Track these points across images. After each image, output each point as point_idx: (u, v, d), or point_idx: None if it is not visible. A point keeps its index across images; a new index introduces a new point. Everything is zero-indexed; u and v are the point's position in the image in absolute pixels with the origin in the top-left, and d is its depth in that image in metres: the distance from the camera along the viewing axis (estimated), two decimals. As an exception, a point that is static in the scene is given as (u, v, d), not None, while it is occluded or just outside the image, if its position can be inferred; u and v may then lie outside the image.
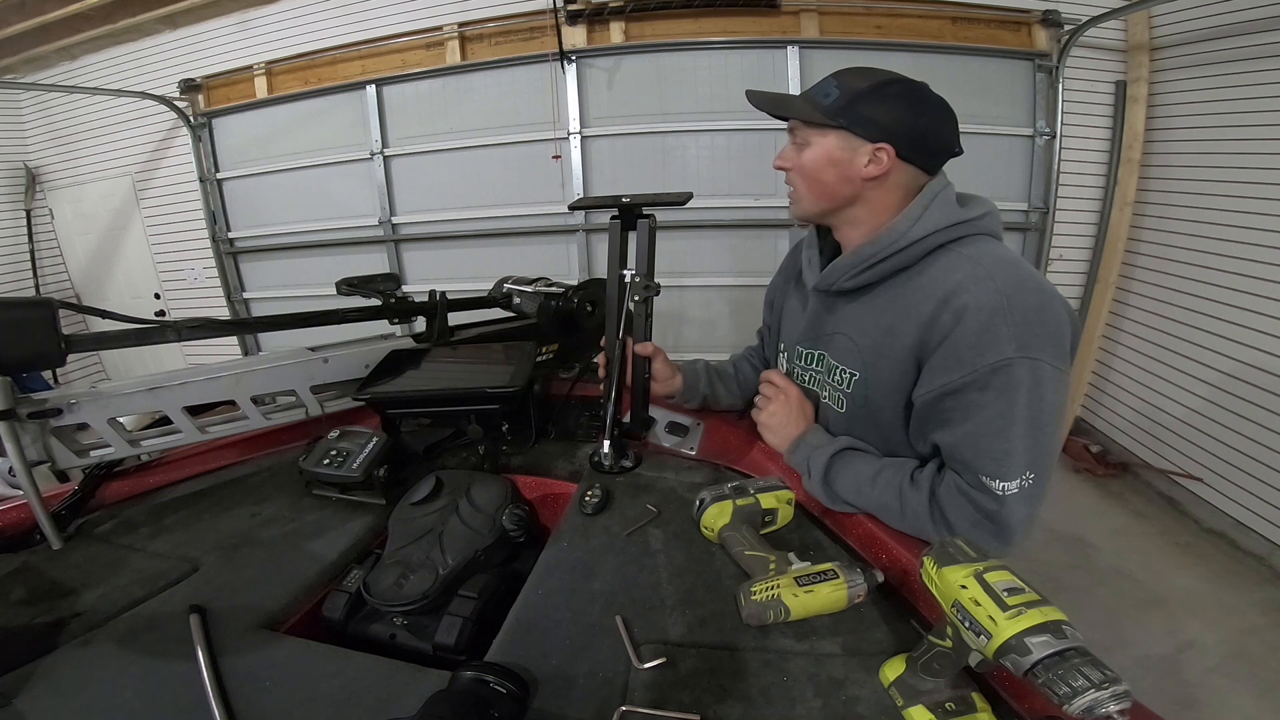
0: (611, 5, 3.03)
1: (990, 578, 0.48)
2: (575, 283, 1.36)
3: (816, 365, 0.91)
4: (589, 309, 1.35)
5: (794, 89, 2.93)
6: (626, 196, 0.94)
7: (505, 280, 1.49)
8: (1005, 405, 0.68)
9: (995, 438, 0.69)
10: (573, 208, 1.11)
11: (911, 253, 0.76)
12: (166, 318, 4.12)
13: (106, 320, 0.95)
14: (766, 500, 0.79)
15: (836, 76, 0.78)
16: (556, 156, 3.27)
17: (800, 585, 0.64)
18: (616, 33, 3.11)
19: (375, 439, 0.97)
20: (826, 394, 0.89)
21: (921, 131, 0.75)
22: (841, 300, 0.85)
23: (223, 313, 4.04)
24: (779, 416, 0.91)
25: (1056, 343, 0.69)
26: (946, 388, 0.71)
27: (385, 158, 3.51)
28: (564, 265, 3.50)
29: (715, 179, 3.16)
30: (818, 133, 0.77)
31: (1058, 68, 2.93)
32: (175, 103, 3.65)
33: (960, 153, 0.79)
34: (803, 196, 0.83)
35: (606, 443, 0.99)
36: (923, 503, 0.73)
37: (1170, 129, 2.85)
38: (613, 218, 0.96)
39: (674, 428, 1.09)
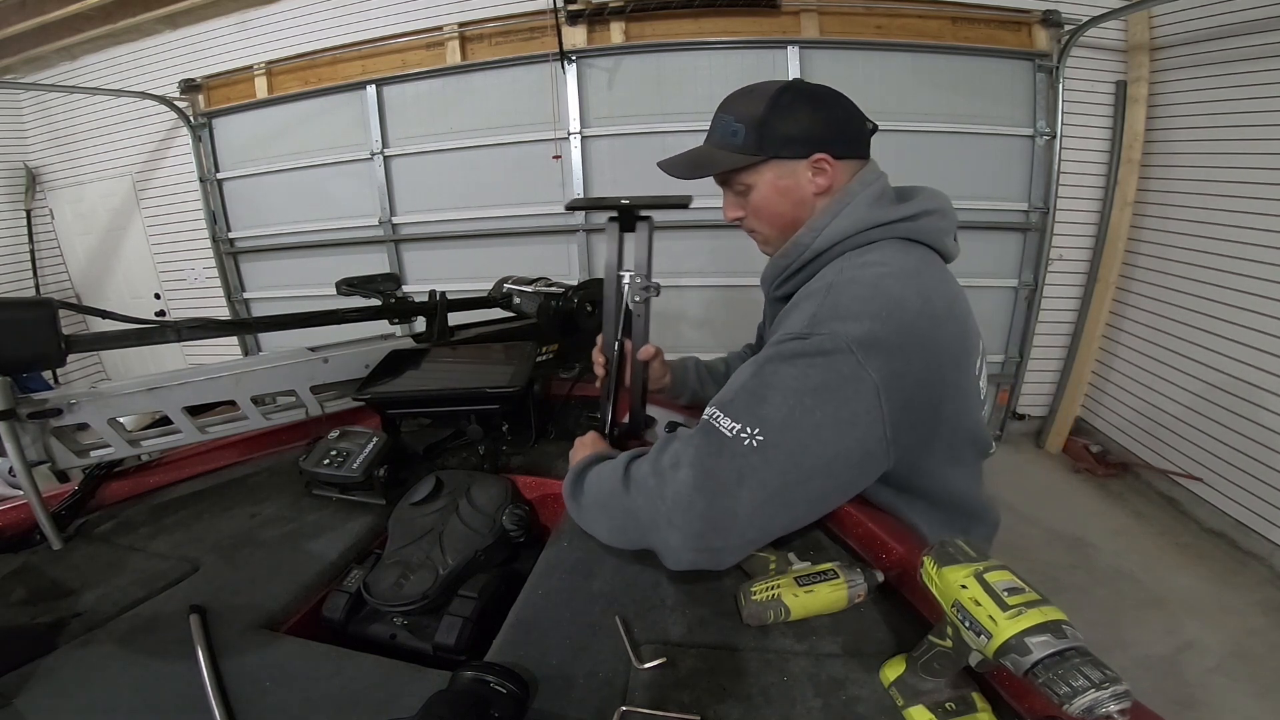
0: (611, 5, 3.03)
1: (990, 578, 0.48)
2: (575, 283, 1.36)
3: None
4: (589, 309, 1.35)
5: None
6: (626, 198, 0.94)
7: (505, 280, 1.49)
8: (764, 363, 0.64)
9: (736, 382, 0.65)
10: (570, 208, 1.11)
11: (818, 264, 0.73)
12: (166, 318, 4.12)
13: (106, 320, 0.95)
14: (766, 500, 0.79)
15: (728, 112, 0.76)
16: (557, 156, 3.27)
17: (800, 585, 0.64)
18: (616, 33, 3.11)
19: (375, 439, 0.97)
20: None
21: (838, 123, 0.74)
22: (781, 306, 0.84)
23: (223, 313, 4.04)
24: (573, 457, 0.86)
25: (869, 339, 0.61)
26: None
27: (385, 158, 3.51)
28: (564, 265, 3.51)
29: (711, 182, 3.15)
30: (751, 173, 0.76)
31: (1058, 68, 2.93)
32: (175, 103, 3.65)
33: (875, 127, 0.77)
34: (769, 236, 0.81)
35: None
36: (626, 456, 0.70)
37: (1170, 129, 2.85)
38: (610, 219, 0.96)
39: (673, 428, 1.09)
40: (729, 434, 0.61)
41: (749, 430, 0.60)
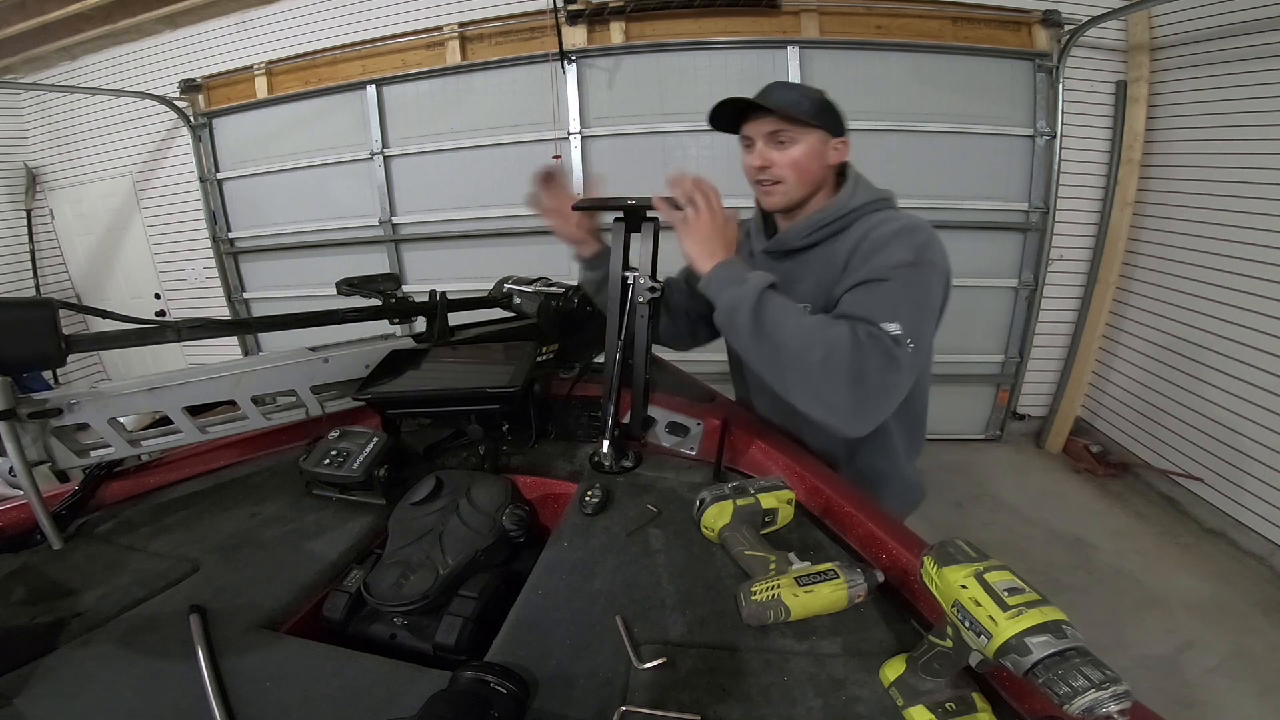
0: (611, 5, 3.03)
1: (990, 578, 0.48)
2: (575, 283, 1.36)
3: None
4: (589, 309, 1.35)
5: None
6: (633, 198, 0.94)
7: (505, 280, 1.49)
8: (901, 287, 0.82)
9: (888, 301, 0.81)
10: (576, 208, 1.11)
11: (848, 219, 0.95)
12: (166, 318, 4.12)
13: (107, 320, 0.95)
14: (767, 500, 0.79)
15: (797, 91, 0.95)
16: (557, 156, 3.26)
17: (800, 585, 0.64)
18: (616, 33, 3.11)
19: (375, 439, 0.97)
20: None
21: (845, 125, 0.99)
22: (787, 259, 1.01)
23: (223, 313, 4.04)
24: (705, 231, 0.92)
25: (941, 271, 0.87)
26: (858, 279, 0.84)
27: (385, 158, 3.50)
28: (564, 265, 3.48)
29: (715, 179, 3.13)
30: (805, 131, 0.93)
31: (1058, 68, 2.92)
32: (175, 103, 3.65)
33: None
34: (792, 186, 0.96)
35: (606, 443, 0.99)
36: (845, 329, 0.79)
37: (1170, 129, 2.85)
38: (616, 219, 0.96)
39: (674, 428, 1.09)
40: (903, 335, 0.79)
41: (910, 340, 0.79)
